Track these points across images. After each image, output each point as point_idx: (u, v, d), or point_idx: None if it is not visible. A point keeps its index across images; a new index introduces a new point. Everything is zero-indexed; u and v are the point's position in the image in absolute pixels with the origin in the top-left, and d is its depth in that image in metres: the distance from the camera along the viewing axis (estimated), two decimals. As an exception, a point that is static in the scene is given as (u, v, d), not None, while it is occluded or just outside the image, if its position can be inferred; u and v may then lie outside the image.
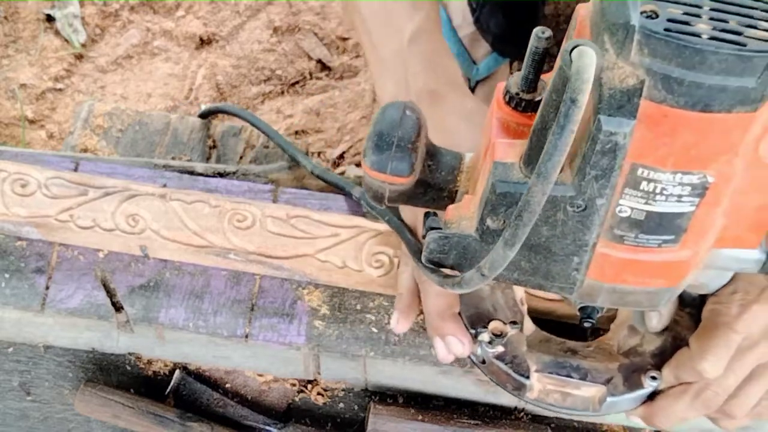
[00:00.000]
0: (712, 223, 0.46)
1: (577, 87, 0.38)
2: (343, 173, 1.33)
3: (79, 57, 1.48)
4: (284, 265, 0.73)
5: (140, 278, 0.75)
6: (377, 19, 0.73)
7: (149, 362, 0.79)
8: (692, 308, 0.66)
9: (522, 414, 0.78)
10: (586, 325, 0.57)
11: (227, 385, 0.79)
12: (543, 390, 0.65)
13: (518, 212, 0.42)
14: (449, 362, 0.67)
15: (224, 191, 0.79)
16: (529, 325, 0.67)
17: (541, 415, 0.78)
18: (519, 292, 0.67)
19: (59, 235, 0.75)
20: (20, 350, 0.79)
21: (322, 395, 0.79)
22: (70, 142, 0.92)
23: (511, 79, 0.49)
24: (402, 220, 0.65)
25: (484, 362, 0.66)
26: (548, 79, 0.47)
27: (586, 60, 0.39)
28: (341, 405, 0.79)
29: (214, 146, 0.93)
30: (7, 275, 0.74)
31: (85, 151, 0.90)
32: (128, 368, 0.79)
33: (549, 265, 0.49)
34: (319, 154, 1.37)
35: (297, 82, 1.48)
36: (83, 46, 1.49)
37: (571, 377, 0.64)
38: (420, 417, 0.74)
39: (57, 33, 1.49)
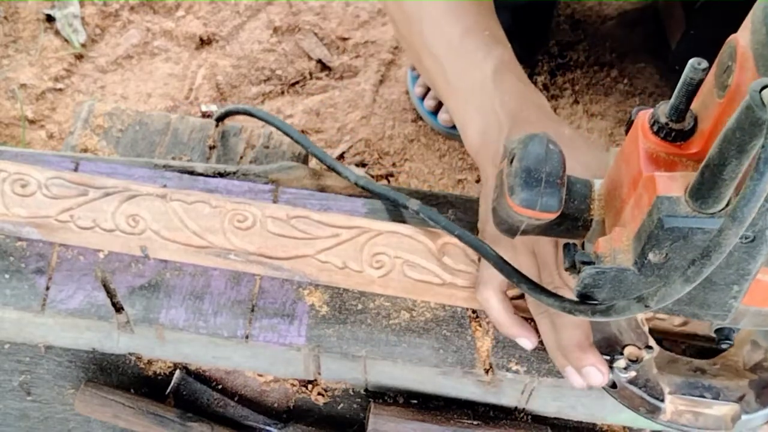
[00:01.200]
0: None
1: None
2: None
3: (79, 57, 1.48)
4: (284, 266, 0.73)
5: (140, 279, 0.75)
6: (454, 55, 0.74)
7: (149, 362, 0.79)
8: None
9: (522, 414, 0.78)
10: (724, 346, 0.58)
11: (227, 385, 0.79)
12: (675, 411, 0.65)
13: (706, 252, 0.42)
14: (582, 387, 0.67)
15: (224, 191, 0.79)
16: (655, 349, 0.66)
17: (541, 415, 0.78)
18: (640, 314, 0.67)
19: (59, 236, 0.75)
20: (20, 350, 0.79)
21: (323, 395, 0.79)
22: (70, 142, 0.92)
23: (659, 109, 0.48)
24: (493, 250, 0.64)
25: (614, 386, 0.66)
26: (695, 107, 0.48)
27: None
28: (341, 405, 0.79)
29: (214, 146, 0.93)
30: (7, 276, 0.74)
31: (86, 151, 0.90)
32: (128, 368, 0.79)
33: (707, 294, 0.49)
34: (319, 154, 1.37)
35: (297, 82, 1.48)
36: (83, 46, 1.49)
37: (704, 397, 0.64)
38: (420, 417, 0.74)
39: (57, 33, 1.50)
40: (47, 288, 0.74)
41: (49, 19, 1.50)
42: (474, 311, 0.74)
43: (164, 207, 0.75)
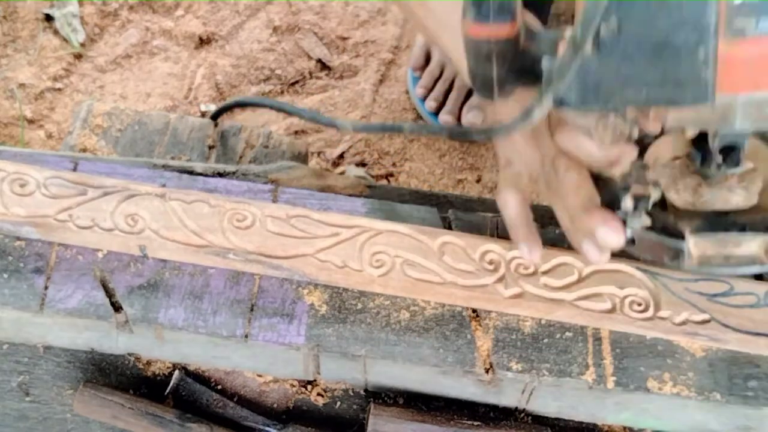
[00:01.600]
0: None
1: None
2: (343, 173, 1.32)
3: (78, 56, 1.48)
4: (284, 265, 0.73)
5: (139, 278, 0.74)
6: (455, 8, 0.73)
7: (148, 363, 0.79)
8: None
9: (522, 414, 0.78)
10: (731, 168, 0.54)
11: (227, 386, 0.79)
12: (702, 255, 0.60)
13: None
14: (604, 261, 0.64)
15: (224, 191, 0.79)
16: (661, 183, 0.62)
17: (542, 416, 0.78)
18: (650, 175, 0.62)
19: (58, 235, 0.75)
20: (19, 350, 0.79)
21: (322, 396, 0.79)
22: (69, 142, 0.91)
23: None
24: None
25: (633, 242, 0.63)
26: None
27: None
28: (341, 405, 0.79)
29: (214, 146, 0.93)
30: (5, 275, 0.74)
31: (84, 150, 0.90)
32: (127, 369, 0.79)
33: (676, 66, 0.46)
34: (319, 153, 1.37)
35: (297, 82, 1.48)
36: (82, 45, 1.49)
37: (728, 231, 0.59)
38: (420, 418, 0.74)
39: (56, 32, 1.49)
40: (46, 287, 0.74)
41: (48, 18, 1.50)
42: (474, 310, 0.74)
43: (163, 206, 0.75)
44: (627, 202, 0.60)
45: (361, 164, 1.39)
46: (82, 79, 1.46)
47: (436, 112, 1.40)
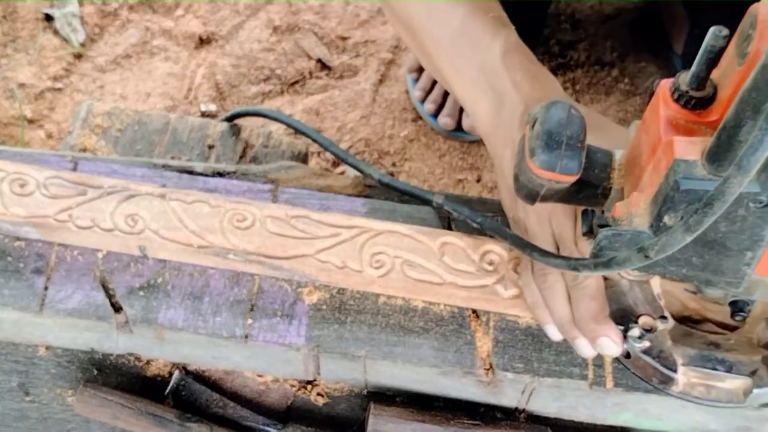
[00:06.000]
0: None
1: None
2: (342, 173, 1.32)
3: (78, 56, 1.48)
4: (284, 266, 0.73)
5: (139, 279, 0.74)
6: (458, 38, 0.73)
7: (148, 363, 0.79)
8: None
9: (522, 414, 0.78)
10: (738, 318, 0.58)
11: (227, 386, 0.79)
12: (688, 383, 0.66)
13: (709, 200, 0.42)
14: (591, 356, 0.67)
15: (224, 191, 0.79)
16: (669, 320, 0.67)
17: (542, 416, 0.78)
18: (656, 287, 0.67)
19: (58, 235, 0.74)
20: (19, 350, 0.79)
21: (322, 396, 0.79)
22: (69, 142, 0.91)
23: (680, 77, 0.49)
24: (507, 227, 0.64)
25: (628, 356, 0.67)
26: (716, 77, 0.48)
27: None
28: (341, 406, 0.79)
29: (213, 146, 0.93)
30: (5, 276, 0.74)
31: (84, 150, 0.90)
32: (127, 369, 0.79)
33: (720, 260, 0.49)
34: (319, 153, 1.37)
35: (297, 82, 1.48)
36: (82, 45, 1.49)
37: (717, 370, 0.65)
38: (420, 417, 0.74)
39: (56, 32, 1.49)
40: (46, 288, 0.74)
41: (48, 18, 1.50)
42: (474, 311, 0.74)
43: (163, 206, 0.75)
44: (635, 331, 0.65)
45: (361, 164, 1.39)
46: (82, 79, 1.46)
47: (436, 114, 1.40)
